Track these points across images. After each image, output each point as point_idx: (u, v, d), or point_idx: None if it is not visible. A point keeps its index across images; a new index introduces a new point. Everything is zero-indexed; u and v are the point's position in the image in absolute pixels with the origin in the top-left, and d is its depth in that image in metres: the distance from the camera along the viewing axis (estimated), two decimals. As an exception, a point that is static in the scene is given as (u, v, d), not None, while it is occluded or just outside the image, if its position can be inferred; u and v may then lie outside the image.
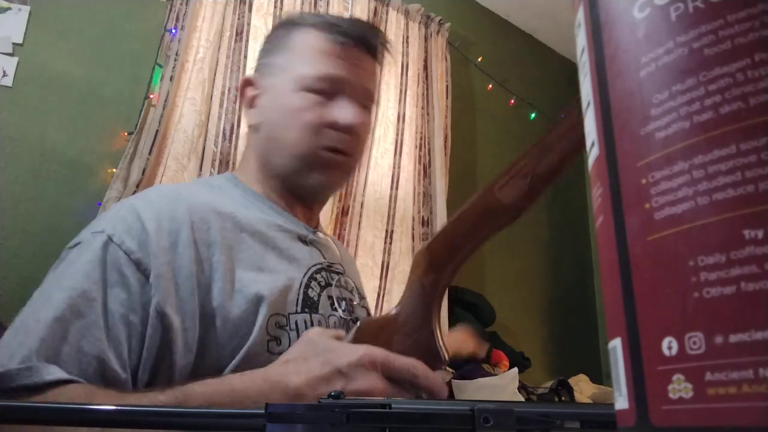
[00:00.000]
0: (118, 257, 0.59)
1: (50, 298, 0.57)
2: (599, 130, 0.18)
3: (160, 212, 0.63)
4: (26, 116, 1.67)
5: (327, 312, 0.70)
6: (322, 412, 0.26)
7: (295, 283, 0.68)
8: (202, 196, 0.70)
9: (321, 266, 0.75)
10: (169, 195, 0.66)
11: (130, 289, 0.58)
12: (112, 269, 0.58)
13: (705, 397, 0.14)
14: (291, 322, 0.65)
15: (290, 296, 0.67)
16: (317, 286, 0.71)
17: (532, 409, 0.29)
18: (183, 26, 1.84)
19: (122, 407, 0.27)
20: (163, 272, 0.59)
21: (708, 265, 0.14)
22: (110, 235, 0.60)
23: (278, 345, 0.63)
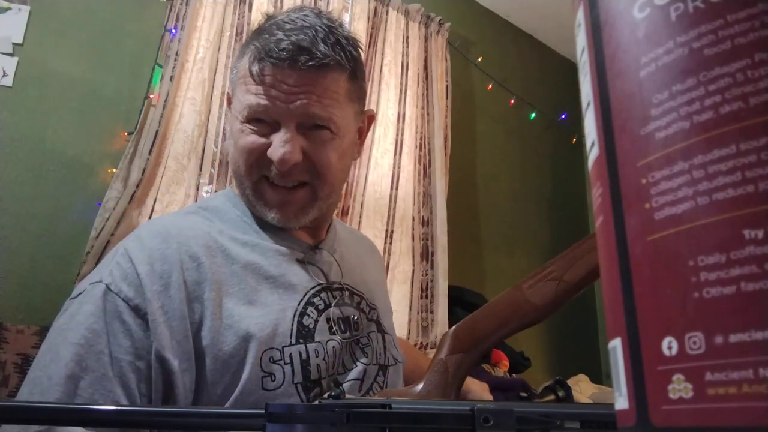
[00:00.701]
0: (117, 306, 0.59)
1: (58, 353, 0.57)
2: (599, 130, 0.18)
3: (151, 254, 0.63)
4: (26, 116, 1.67)
5: (325, 338, 0.68)
6: (322, 412, 0.26)
7: (288, 313, 0.66)
8: (194, 230, 0.68)
9: (321, 287, 0.72)
10: (160, 234, 0.66)
11: (133, 336, 0.59)
12: (113, 319, 0.59)
13: (705, 397, 0.14)
14: (285, 356, 0.63)
15: (282, 329, 0.65)
16: (314, 312, 0.69)
17: (532, 409, 0.29)
18: (183, 26, 1.84)
19: (122, 407, 0.26)
20: (158, 317, 0.60)
21: (708, 265, 0.14)
22: (108, 284, 0.61)
23: (272, 380, 0.62)
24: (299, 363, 0.64)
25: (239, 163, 0.71)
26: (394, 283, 2.18)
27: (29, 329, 1.45)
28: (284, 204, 0.71)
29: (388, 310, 0.87)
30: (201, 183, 1.80)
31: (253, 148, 0.70)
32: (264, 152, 0.69)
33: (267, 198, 0.71)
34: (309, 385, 0.64)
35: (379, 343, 0.76)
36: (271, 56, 0.68)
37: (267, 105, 0.69)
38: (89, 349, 0.57)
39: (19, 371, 1.40)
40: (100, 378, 0.56)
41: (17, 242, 1.59)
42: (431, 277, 2.26)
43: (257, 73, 0.69)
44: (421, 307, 2.21)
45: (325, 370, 0.66)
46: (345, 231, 0.91)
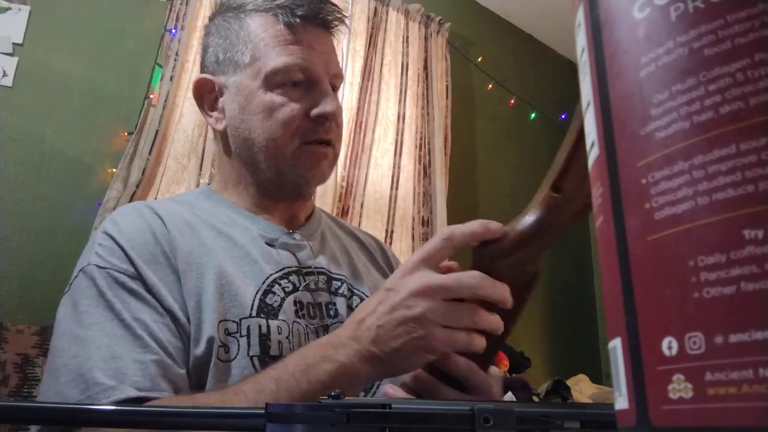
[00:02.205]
0: (116, 277, 0.60)
1: (79, 337, 0.57)
2: (599, 130, 0.18)
3: (131, 230, 0.64)
4: (26, 116, 1.68)
5: (291, 318, 0.66)
6: (322, 412, 0.26)
7: (250, 289, 0.65)
8: (164, 209, 0.69)
9: (290, 270, 0.70)
10: (132, 214, 0.67)
11: (145, 299, 0.59)
12: (117, 289, 0.59)
13: (705, 397, 0.14)
14: (242, 328, 0.62)
15: (242, 301, 0.63)
16: (281, 292, 0.67)
17: (532, 409, 0.29)
18: (183, 26, 1.84)
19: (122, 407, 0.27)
20: (155, 282, 0.60)
21: (708, 265, 0.14)
22: (97, 264, 0.61)
23: (226, 352, 0.61)
24: (257, 336, 0.62)
25: (276, 134, 0.69)
26: (394, 283, 2.18)
27: (29, 329, 1.45)
28: (320, 160, 0.72)
29: None
30: (201, 183, 1.80)
31: (295, 115, 0.69)
32: (305, 117, 0.70)
33: (305, 158, 0.71)
34: (267, 360, 0.61)
35: None
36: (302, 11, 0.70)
37: (307, 63, 0.70)
38: (111, 323, 0.57)
39: (18, 371, 1.40)
40: (131, 339, 0.56)
41: (17, 242, 1.59)
42: (431, 277, 2.26)
43: (292, 31, 0.70)
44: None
45: (288, 349, 0.63)
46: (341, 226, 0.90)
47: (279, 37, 0.70)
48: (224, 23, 0.75)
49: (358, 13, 2.30)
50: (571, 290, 2.97)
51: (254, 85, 0.70)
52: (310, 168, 0.71)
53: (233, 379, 0.60)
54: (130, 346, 0.56)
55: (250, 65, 0.71)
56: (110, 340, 0.56)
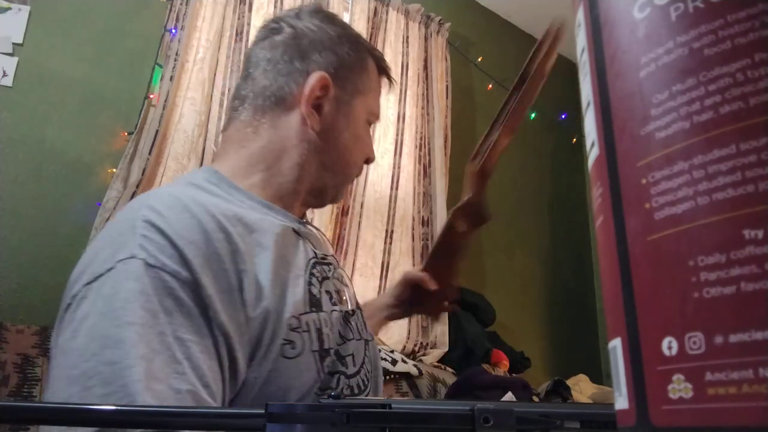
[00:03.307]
0: (165, 281, 0.52)
1: (114, 339, 0.48)
2: (599, 130, 0.18)
3: (181, 225, 0.56)
4: (26, 116, 1.68)
5: (329, 308, 0.67)
6: (322, 412, 0.26)
7: (300, 281, 0.65)
8: (205, 202, 0.61)
9: (315, 260, 0.70)
10: (177, 204, 0.59)
11: (191, 314, 0.52)
12: (164, 296, 0.52)
13: (705, 397, 0.14)
14: (302, 323, 0.62)
15: (298, 297, 0.63)
16: (317, 282, 0.68)
17: (532, 409, 0.29)
18: (183, 26, 1.84)
19: (122, 407, 0.26)
20: (210, 291, 0.54)
21: (708, 265, 0.14)
22: (144, 259, 0.53)
23: (292, 348, 0.60)
24: (315, 330, 0.63)
25: (353, 159, 0.80)
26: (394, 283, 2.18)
27: (29, 329, 1.45)
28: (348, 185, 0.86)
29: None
30: (201, 183, 1.80)
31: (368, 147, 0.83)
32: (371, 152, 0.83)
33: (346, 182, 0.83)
34: (323, 353, 0.63)
35: (360, 319, 0.75)
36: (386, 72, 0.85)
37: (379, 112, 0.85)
38: (150, 330, 0.49)
39: (19, 371, 1.40)
40: (169, 361, 0.49)
41: (17, 242, 1.59)
42: (431, 277, 2.26)
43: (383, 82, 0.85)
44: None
45: (333, 340, 0.65)
46: None
47: (379, 89, 0.84)
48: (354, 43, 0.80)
49: (358, 13, 2.30)
50: (571, 290, 2.97)
51: (362, 114, 0.80)
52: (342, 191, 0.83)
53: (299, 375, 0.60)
54: (167, 367, 0.49)
55: (364, 96, 0.80)
56: (149, 350, 0.48)
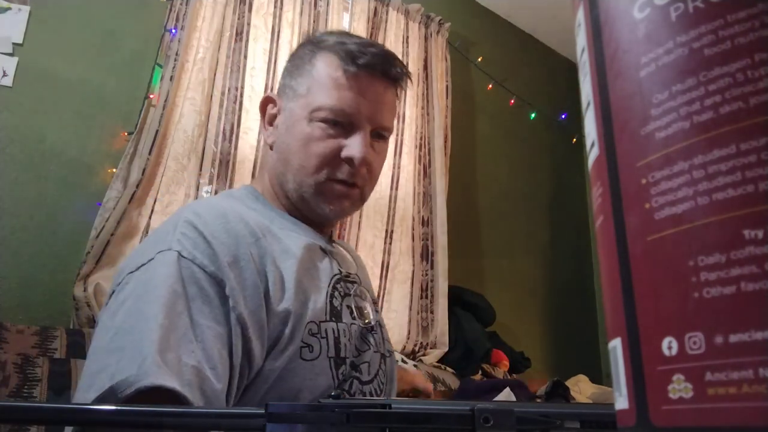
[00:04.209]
0: (193, 272, 0.59)
1: (143, 313, 0.55)
2: (599, 130, 0.18)
3: (216, 227, 0.64)
4: (26, 116, 1.67)
5: (349, 321, 0.72)
6: (322, 412, 0.26)
7: (323, 292, 0.70)
8: (239, 210, 0.70)
9: (339, 277, 0.76)
10: (217, 211, 0.67)
11: (212, 303, 0.59)
12: (190, 283, 0.59)
13: (705, 397, 0.14)
14: (322, 330, 0.67)
15: (320, 305, 0.68)
16: (339, 296, 0.73)
17: (532, 409, 0.29)
18: (183, 26, 1.84)
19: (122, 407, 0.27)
20: (234, 285, 0.60)
21: (708, 265, 0.14)
22: (179, 251, 0.60)
23: (310, 351, 0.65)
24: (333, 339, 0.67)
25: (306, 163, 0.74)
26: (394, 283, 2.18)
27: (29, 329, 1.45)
28: (343, 198, 0.76)
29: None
30: (201, 183, 1.80)
31: (328, 152, 0.74)
32: (337, 154, 0.74)
33: (328, 193, 0.76)
34: (338, 361, 0.67)
35: (380, 334, 0.80)
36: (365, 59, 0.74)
37: (352, 111, 0.74)
38: (172, 308, 0.56)
39: (19, 371, 1.40)
40: (182, 337, 0.55)
41: (17, 242, 1.59)
42: (431, 277, 2.26)
43: (350, 76, 0.74)
44: (421, 307, 2.21)
45: (350, 350, 0.70)
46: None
47: (336, 80, 0.75)
48: (300, 52, 0.81)
49: (358, 13, 2.30)
50: (571, 290, 2.97)
51: (302, 114, 0.75)
52: (330, 202, 0.76)
53: (315, 377, 0.64)
54: (180, 342, 0.54)
55: (304, 96, 0.76)
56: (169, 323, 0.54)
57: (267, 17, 2.06)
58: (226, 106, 1.89)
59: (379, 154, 0.79)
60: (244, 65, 1.94)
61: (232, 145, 1.87)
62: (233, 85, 1.92)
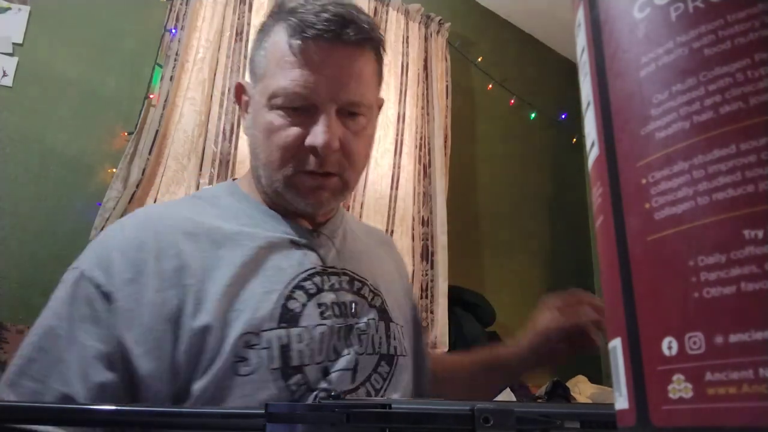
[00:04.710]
0: (88, 292, 0.60)
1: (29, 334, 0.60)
2: (599, 130, 0.18)
3: (128, 242, 0.63)
4: (26, 116, 1.67)
5: (312, 323, 0.64)
6: (322, 412, 0.26)
7: (272, 296, 0.63)
8: (176, 218, 0.67)
9: (315, 271, 0.69)
10: (140, 222, 0.66)
11: (100, 323, 0.58)
12: (82, 304, 0.59)
13: (705, 397, 0.13)
14: (263, 340, 0.61)
15: (263, 312, 0.62)
16: (303, 296, 0.66)
17: (532, 409, 0.29)
18: (183, 26, 1.84)
19: (122, 407, 0.27)
20: (124, 303, 0.59)
21: (708, 265, 0.14)
22: (83, 270, 0.61)
23: (246, 366, 0.59)
24: (278, 348, 0.61)
25: (272, 157, 0.67)
26: (394, 283, 2.19)
27: (29, 329, 1.45)
28: (318, 189, 0.69)
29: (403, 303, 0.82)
30: (201, 183, 1.80)
31: (289, 142, 0.66)
32: (301, 143, 0.66)
33: (300, 186, 0.68)
34: (289, 371, 0.61)
35: (381, 332, 0.71)
36: (315, 28, 0.63)
37: (307, 91, 0.64)
38: (49, 332, 0.59)
39: (19, 371, 1.40)
40: (54, 361, 0.57)
41: (17, 242, 1.59)
42: (431, 277, 2.26)
43: (298, 50, 0.64)
44: (421, 307, 2.21)
45: (309, 356, 0.63)
46: (355, 223, 0.88)
47: (285, 57, 0.65)
48: (264, 23, 0.71)
49: (358, 13, 2.30)
50: (571, 290, 2.96)
51: (261, 101, 0.68)
52: (305, 196, 0.69)
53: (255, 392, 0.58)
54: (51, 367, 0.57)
55: (261, 80, 0.68)
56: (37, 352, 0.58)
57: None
58: (226, 106, 1.89)
59: (357, 133, 0.69)
60: (244, 65, 1.94)
61: (232, 145, 1.87)
62: (233, 85, 1.92)
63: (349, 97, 0.67)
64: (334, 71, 0.65)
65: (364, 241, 0.83)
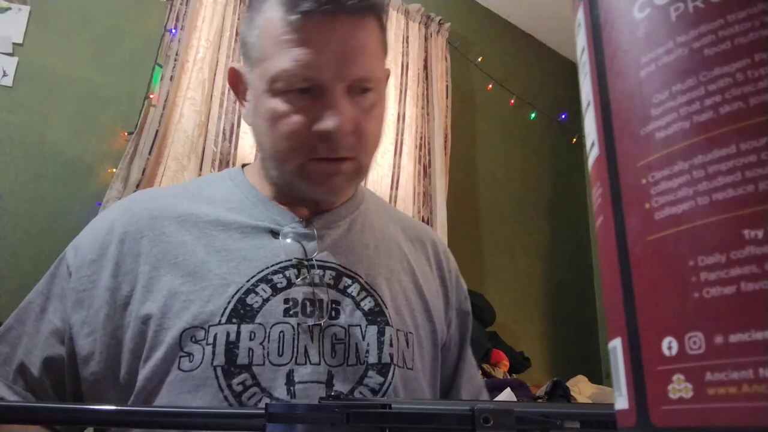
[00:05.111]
0: (62, 270, 0.64)
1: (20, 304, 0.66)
2: (599, 130, 0.18)
3: (102, 225, 0.65)
4: (26, 116, 1.67)
5: (273, 320, 0.59)
6: (322, 412, 0.26)
7: (229, 289, 0.59)
8: (156, 201, 0.66)
9: (290, 263, 0.63)
10: (122, 206, 0.68)
11: (64, 299, 0.62)
12: (58, 282, 0.63)
13: (705, 397, 0.13)
14: (209, 336, 0.57)
15: (214, 306, 0.58)
16: (267, 290, 0.60)
17: (532, 409, 0.29)
18: (183, 26, 1.84)
19: (122, 407, 0.27)
20: (79, 285, 0.62)
21: (708, 265, 0.14)
22: (66, 250, 0.65)
23: (189, 361, 0.56)
24: (223, 344, 0.57)
25: (279, 147, 0.62)
26: (394, 283, 2.18)
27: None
28: (332, 176, 0.63)
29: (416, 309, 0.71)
30: (201, 183, 1.80)
31: (297, 129, 0.60)
32: (308, 130, 0.60)
33: (312, 174, 0.63)
34: (233, 370, 0.56)
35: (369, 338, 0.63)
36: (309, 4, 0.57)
37: (311, 71, 0.58)
38: (28, 306, 0.64)
39: (19, 371, 1.40)
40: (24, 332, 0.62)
41: (17, 242, 1.59)
42: (431, 277, 2.26)
43: (296, 27, 0.57)
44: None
45: (261, 356, 0.57)
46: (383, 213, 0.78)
47: (282, 35, 0.58)
48: (251, 3, 0.65)
49: (358, 13, 2.30)
50: (571, 290, 2.97)
51: (261, 87, 0.62)
52: (320, 184, 0.63)
53: (195, 390, 0.56)
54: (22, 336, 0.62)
55: (258, 64, 0.62)
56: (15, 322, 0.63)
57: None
58: (226, 106, 1.89)
59: (368, 111, 0.63)
60: (244, 65, 1.94)
61: (232, 145, 1.87)
62: (233, 85, 1.92)
63: (358, 73, 0.60)
64: (338, 46, 0.59)
65: (381, 233, 0.74)
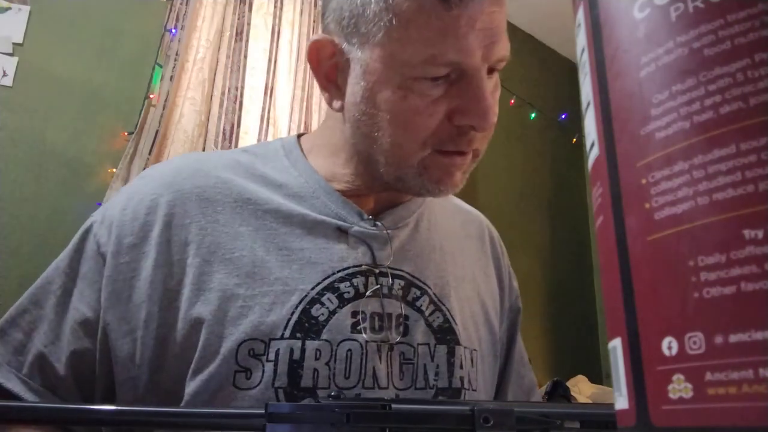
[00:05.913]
0: (91, 248, 0.54)
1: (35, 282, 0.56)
2: (599, 130, 0.18)
3: (142, 200, 0.54)
4: (26, 116, 1.68)
5: (341, 336, 0.52)
6: (322, 412, 0.26)
7: (292, 297, 0.52)
8: (207, 177, 0.56)
9: (359, 270, 0.55)
10: (165, 177, 0.56)
11: (93, 285, 0.52)
12: (86, 260, 0.54)
13: (705, 397, 0.13)
14: (270, 351, 0.49)
15: (276, 316, 0.50)
16: (334, 300, 0.53)
17: (532, 409, 0.29)
18: (183, 26, 1.84)
19: (122, 407, 0.27)
20: (116, 273, 0.52)
21: (708, 265, 0.14)
22: (93, 222, 0.55)
23: (247, 378, 0.49)
24: (287, 363, 0.49)
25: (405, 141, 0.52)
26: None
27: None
28: (454, 171, 0.55)
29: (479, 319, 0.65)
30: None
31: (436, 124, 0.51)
32: (449, 123, 0.52)
33: (434, 169, 0.54)
34: (296, 393, 0.49)
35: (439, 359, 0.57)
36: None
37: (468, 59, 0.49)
38: (45, 286, 0.54)
39: (19, 371, 1.40)
40: (42, 317, 0.53)
41: (17, 242, 1.59)
42: (431, 277, 2.26)
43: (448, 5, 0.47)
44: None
45: (326, 377, 0.50)
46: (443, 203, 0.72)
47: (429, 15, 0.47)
48: None
49: (358, 13, 2.30)
50: (571, 290, 2.97)
51: (386, 73, 0.50)
52: (438, 180, 0.55)
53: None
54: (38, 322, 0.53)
55: (383, 45, 0.50)
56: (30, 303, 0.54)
57: (267, 17, 2.06)
58: (226, 106, 1.89)
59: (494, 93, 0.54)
60: (244, 65, 1.94)
61: (232, 145, 1.87)
62: (233, 85, 1.92)
63: (502, 52, 0.52)
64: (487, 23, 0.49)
65: (445, 230, 0.67)
